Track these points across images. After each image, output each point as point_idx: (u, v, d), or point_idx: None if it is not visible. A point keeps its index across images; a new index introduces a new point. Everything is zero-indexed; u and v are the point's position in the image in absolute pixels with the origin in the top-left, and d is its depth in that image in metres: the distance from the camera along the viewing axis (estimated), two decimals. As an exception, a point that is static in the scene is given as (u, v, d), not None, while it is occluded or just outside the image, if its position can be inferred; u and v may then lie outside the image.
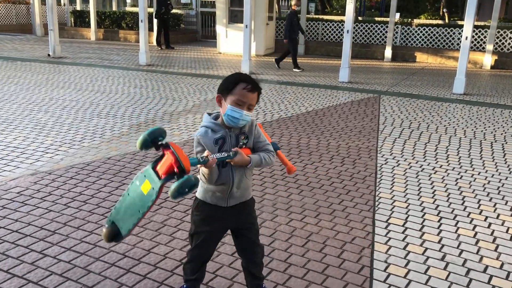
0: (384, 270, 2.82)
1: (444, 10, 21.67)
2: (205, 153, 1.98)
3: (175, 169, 1.79)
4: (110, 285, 2.58)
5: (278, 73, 10.85)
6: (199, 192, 2.25)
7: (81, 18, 19.11)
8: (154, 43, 15.88)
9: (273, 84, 9.36)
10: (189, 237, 2.34)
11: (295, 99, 7.88)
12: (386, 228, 3.37)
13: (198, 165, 1.96)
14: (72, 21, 19.56)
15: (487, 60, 13.43)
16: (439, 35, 14.71)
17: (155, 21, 15.69)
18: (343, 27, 12.63)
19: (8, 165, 4.36)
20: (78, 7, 20.47)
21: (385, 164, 4.76)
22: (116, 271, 2.71)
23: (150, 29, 15.48)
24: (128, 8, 24.05)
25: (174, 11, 17.08)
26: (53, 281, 2.60)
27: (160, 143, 1.85)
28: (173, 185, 1.74)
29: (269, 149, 2.21)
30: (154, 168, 1.85)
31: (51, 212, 3.44)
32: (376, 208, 3.69)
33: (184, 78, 9.79)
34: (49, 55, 12.30)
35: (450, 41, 14.61)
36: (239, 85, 2.07)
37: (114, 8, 21.71)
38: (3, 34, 18.76)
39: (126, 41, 17.70)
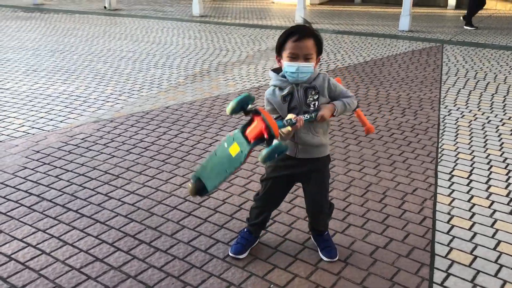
0: (448, 222, 2.73)
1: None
2: (290, 116, 1.97)
3: (265, 135, 1.86)
4: (172, 227, 2.66)
5: (334, 22, 10.46)
6: None
7: (134, -30, 19.10)
8: (207, -7, 15.67)
9: (329, 34, 9.05)
10: (260, 183, 2.37)
11: (352, 49, 7.61)
12: (449, 180, 3.25)
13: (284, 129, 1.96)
14: (126, -27, 19.59)
15: None
16: (511, -21, 13.55)
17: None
18: (404, -28, 11.88)
19: (72, 113, 4.53)
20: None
21: (448, 115, 4.54)
22: (178, 214, 2.79)
23: (203, -21, 15.24)
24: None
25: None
26: (118, 222, 2.71)
27: (249, 109, 1.90)
28: (264, 151, 1.81)
29: (348, 94, 2.15)
30: (243, 132, 1.92)
31: (114, 157, 3.56)
32: (439, 160, 3.55)
33: (237, 28, 9.66)
34: (105, 7, 12.46)
35: (522, -15, 13.44)
36: (288, 40, 2.03)
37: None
38: (61, -12, 19.14)
39: (179, -7, 17.58)
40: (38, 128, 4.14)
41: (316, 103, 2.07)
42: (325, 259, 2.37)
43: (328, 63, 6.64)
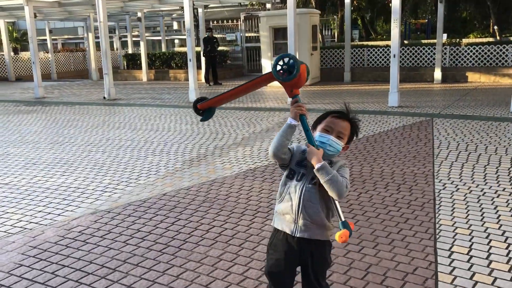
0: (451, 302, 2.68)
1: (495, 27, 21.02)
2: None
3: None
4: (170, 322, 2.59)
5: (325, 101, 10.82)
6: (273, 220, 2.25)
7: (133, 61, 20.06)
8: (203, 80, 16.35)
9: (321, 113, 9.31)
10: (266, 276, 2.32)
11: (344, 127, 7.79)
12: (449, 257, 3.22)
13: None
14: (125, 64, 20.56)
15: (546, 75, 12.81)
16: (491, 53, 14.25)
17: (202, 59, 16.20)
18: (389, 52, 12.49)
19: (70, 205, 4.56)
20: (130, 51, 21.54)
21: (443, 189, 4.58)
22: (175, 308, 2.73)
23: (199, 67, 15.98)
24: (177, 49, 25.05)
25: (220, 48, 17.58)
26: (115, 319, 2.65)
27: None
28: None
29: (346, 179, 2.09)
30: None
31: (111, 250, 3.54)
32: (438, 236, 3.54)
33: (233, 112, 9.96)
34: (104, 97, 12.93)
35: (503, 58, 14.11)
36: (329, 116, 2.19)
37: (164, 49, 22.67)
38: (62, 81, 19.97)
39: (176, 80, 18.34)
40: (36, 223, 4.14)
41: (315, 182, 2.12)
42: None
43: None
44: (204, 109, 2.37)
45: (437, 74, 14.17)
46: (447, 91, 12.23)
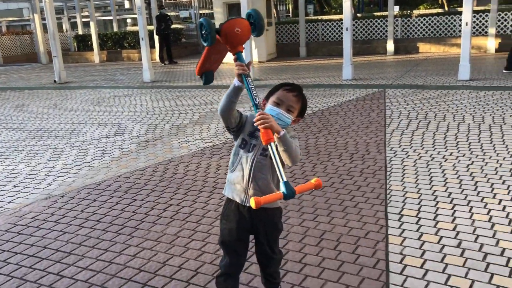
0: (400, 262, 2.80)
1: (443, -2, 21.54)
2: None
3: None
4: (127, 300, 2.60)
5: (282, 77, 10.86)
6: (224, 188, 2.25)
7: (83, 42, 19.38)
8: (157, 59, 16.03)
9: (277, 88, 9.35)
10: (220, 246, 2.33)
11: (300, 101, 7.87)
12: (399, 220, 3.35)
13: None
14: (75, 45, 19.84)
15: (491, 44, 13.31)
16: (440, 23, 14.64)
17: (156, 38, 15.84)
18: (343, 26, 12.61)
19: (21, 192, 4.42)
20: (80, 32, 20.77)
21: (394, 157, 4.74)
22: (134, 286, 2.73)
23: (152, 46, 15.63)
24: (129, 28, 24.33)
25: (174, 26, 17.22)
26: (71, 301, 2.62)
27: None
28: None
29: (298, 146, 2.09)
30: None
31: (66, 234, 3.48)
32: (388, 201, 3.67)
33: (189, 91, 9.86)
34: (55, 81, 12.48)
35: (451, 28, 14.52)
36: (281, 88, 2.16)
37: (115, 29, 22.00)
38: (9, 65, 19.09)
39: (129, 60, 17.90)
40: (-15, 212, 4.01)
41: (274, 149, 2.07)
42: None
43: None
44: (202, 73, 2.32)
45: (390, 46, 14.46)
46: (399, 62, 12.52)
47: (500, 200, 3.56)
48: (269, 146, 1.95)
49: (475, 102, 6.92)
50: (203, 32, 2.01)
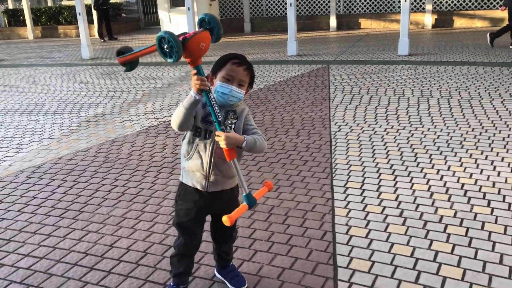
0: (346, 233, 2.89)
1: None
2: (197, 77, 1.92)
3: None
4: (74, 285, 2.52)
5: (226, 53, 10.73)
6: (181, 175, 2.20)
7: (15, 17, 18.23)
8: (96, 35, 15.38)
9: (223, 65, 9.26)
10: (175, 227, 2.28)
11: (245, 78, 7.84)
12: (344, 192, 3.45)
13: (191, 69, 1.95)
14: (6, 21, 18.62)
15: (428, 20, 13.79)
16: (381, 0, 14.95)
17: (94, 13, 15.17)
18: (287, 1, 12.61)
19: (-48, 178, 4.15)
20: (10, 6, 19.48)
21: (338, 131, 4.84)
22: (79, 271, 2.65)
23: (90, 21, 14.96)
24: (65, 2, 23.07)
25: (112, 0, 16.52)
26: (13, 290, 2.51)
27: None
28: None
29: (259, 133, 2.11)
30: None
31: (4, 220, 3.31)
32: (334, 175, 3.76)
33: (131, 68, 9.53)
34: (-15, 59, 11.69)
35: (391, 5, 14.88)
36: (228, 62, 2.06)
37: (50, 3, 20.82)
38: None
39: (66, 37, 17.06)
40: None
41: (233, 126, 2.05)
42: None
43: (224, 93, 6.78)
44: (125, 62, 2.19)
45: (333, 22, 14.64)
46: (342, 38, 12.72)
47: (438, 170, 3.75)
48: (231, 162, 1.97)
49: (414, 77, 7.18)
50: (165, 47, 1.85)
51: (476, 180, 3.54)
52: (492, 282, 2.37)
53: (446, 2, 14.07)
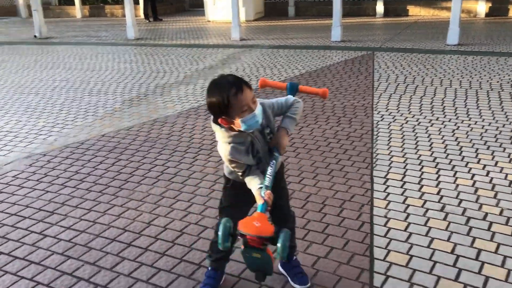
0: (384, 225, 2.82)
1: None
2: (265, 196, 1.86)
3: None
4: (111, 260, 2.58)
5: (269, 37, 10.66)
6: (228, 173, 2.14)
7: (65, -4, 18.70)
8: (142, 16, 15.58)
9: (265, 49, 9.21)
10: (218, 212, 2.27)
11: (287, 62, 7.78)
12: (384, 183, 3.36)
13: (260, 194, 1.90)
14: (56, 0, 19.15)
15: (481, 8, 13.18)
16: (431, -14, 14.39)
17: (140, -7, 15.35)
18: (333, -15, 12.33)
19: (1, 150, 4.33)
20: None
21: (381, 120, 4.72)
22: (117, 246, 2.71)
23: (137, 2, 15.16)
24: (112, -18, 23.47)
25: (159, -19, 16.66)
26: (54, 261, 2.60)
27: (238, 233, 1.80)
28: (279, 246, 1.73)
29: (288, 101, 2.04)
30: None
31: (48, 193, 3.43)
32: (374, 165, 3.68)
33: (174, 49, 9.63)
34: (35, 36, 12.09)
35: (442, -9, 14.30)
36: (230, 98, 1.81)
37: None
38: (-13, 19, 18.39)
39: (113, 16, 17.38)
40: (-35, 169, 3.92)
41: (271, 135, 2.03)
42: (297, 287, 2.28)
43: (265, 77, 6.73)
44: None
45: (379, 7, 14.23)
46: (388, 25, 12.37)
47: (484, 166, 3.59)
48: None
49: (462, 67, 6.89)
50: (219, 232, 1.78)
51: (526, 178, 3.38)
52: (538, 286, 2.26)
53: (502, -11, 13.39)
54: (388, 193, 3.22)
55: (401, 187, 3.30)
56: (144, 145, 4.31)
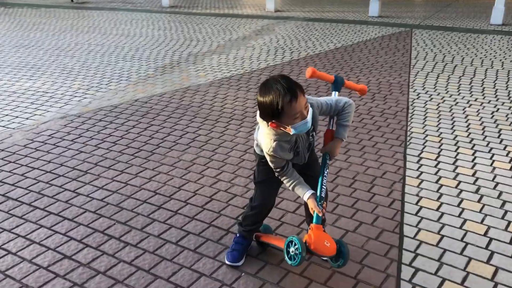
0: (416, 204, 2.77)
1: None
2: (322, 210, 2.01)
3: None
4: (142, 221, 2.63)
5: (305, 9, 10.46)
6: (259, 151, 2.14)
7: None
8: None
9: (300, 21, 9.05)
10: (254, 186, 2.27)
11: (323, 36, 7.62)
12: (418, 162, 3.29)
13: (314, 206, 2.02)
14: (93, -36, 19.18)
15: (529, -13, 12.54)
16: (477, -38, 13.75)
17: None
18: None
19: (38, 109, 4.42)
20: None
21: (417, 99, 4.60)
22: (148, 208, 2.76)
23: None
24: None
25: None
26: (87, 218, 2.67)
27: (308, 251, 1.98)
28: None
29: (338, 104, 2.01)
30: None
31: (82, 153, 3.50)
32: (408, 143, 3.60)
33: (208, 18, 9.56)
34: (72, 0, 12.19)
35: (488, -32, 13.66)
36: (283, 106, 1.77)
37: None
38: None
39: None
40: (3, 126, 4.03)
41: (314, 134, 2.05)
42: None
43: (300, 50, 6.64)
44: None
45: (420, -16, 13.71)
46: (428, 2, 11.93)
47: (524, 150, 3.47)
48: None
49: (506, 48, 6.62)
50: (290, 250, 1.96)
51: None
52: None
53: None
54: (421, 172, 3.15)
55: (435, 166, 3.23)
56: (176, 112, 4.33)
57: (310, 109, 1.87)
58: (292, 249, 1.94)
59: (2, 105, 4.53)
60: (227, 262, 2.27)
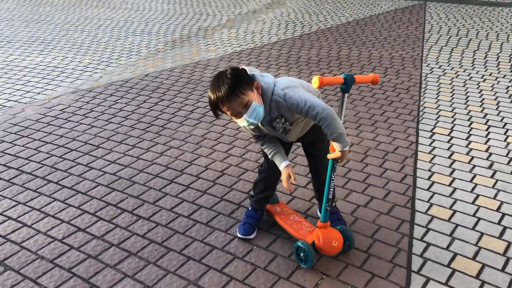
0: (428, 179, 2.76)
1: None
2: (285, 185, 2.06)
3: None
4: (154, 195, 2.65)
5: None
6: None
7: None
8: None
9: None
10: (262, 153, 2.29)
11: (334, 9, 7.49)
12: (430, 137, 3.26)
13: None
14: None
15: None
16: None
17: None
18: None
19: (49, 84, 4.43)
20: None
21: (430, 73, 4.53)
22: (160, 182, 2.78)
23: None
24: None
25: None
26: (100, 192, 2.70)
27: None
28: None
29: (310, 112, 1.88)
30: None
31: (94, 127, 3.51)
32: (420, 118, 3.56)
33: (218, -8, 9.42)
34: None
35: None
36: (216, 110, 1.95)
37: None
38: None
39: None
40: (15, 101, 4.05)
41: (287, 123, 1.99)
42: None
43: (311, 24, 6.54)
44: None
45: (435, -45, 13.35)
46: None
47: (539, 125, 3.42)
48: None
49: (522, 22, 6.46)
50: (301, 254, 2.08)
51: None
52: None
53: None
54: (434, 147, 3.13)
55: (448, 142, 3.20)
56: (187, 86, 4.31)
57: (277, 99, 1.90)
58: (302, 253, 2.08)
59: (13, 80, 4.55)
60: (238, 235, 2.29)
